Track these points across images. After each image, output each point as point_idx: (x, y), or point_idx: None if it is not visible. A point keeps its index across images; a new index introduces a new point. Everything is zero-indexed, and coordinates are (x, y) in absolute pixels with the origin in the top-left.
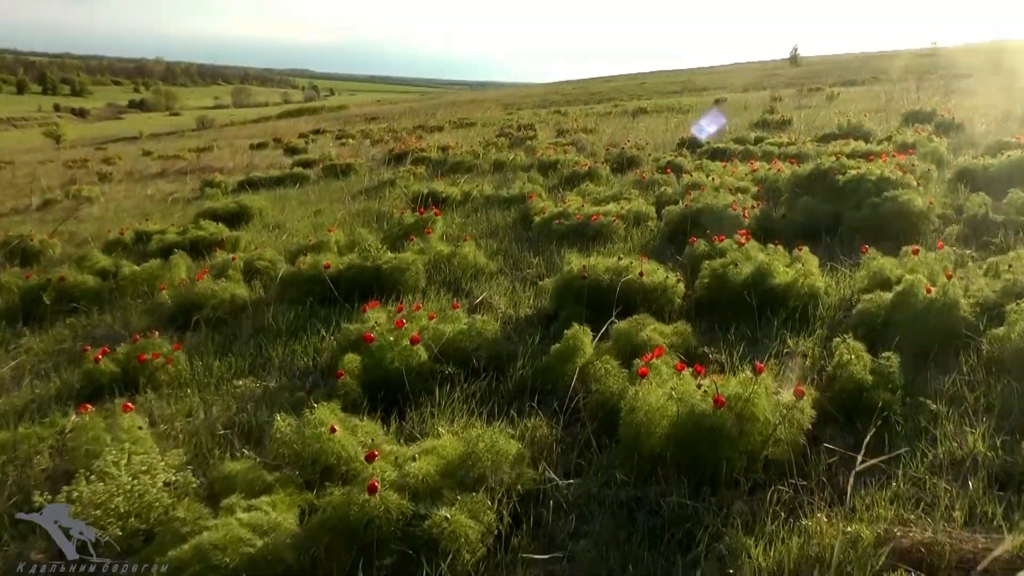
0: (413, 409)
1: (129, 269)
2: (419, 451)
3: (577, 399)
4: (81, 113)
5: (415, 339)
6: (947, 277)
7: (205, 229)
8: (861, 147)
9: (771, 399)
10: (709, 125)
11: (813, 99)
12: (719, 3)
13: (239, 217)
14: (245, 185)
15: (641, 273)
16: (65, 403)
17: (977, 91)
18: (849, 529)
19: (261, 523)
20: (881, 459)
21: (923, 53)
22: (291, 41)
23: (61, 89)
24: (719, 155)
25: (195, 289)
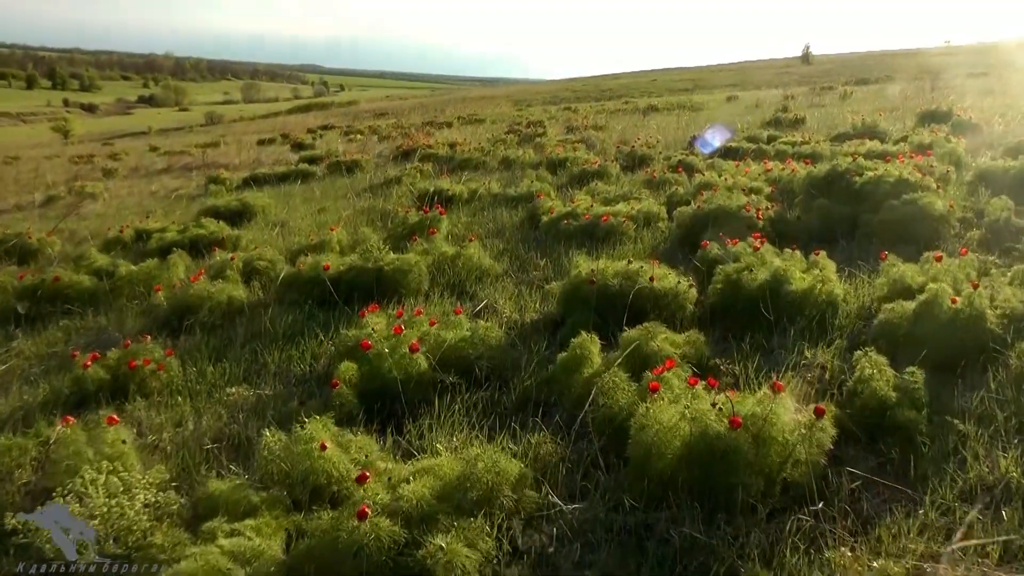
0: (411, 422)
1: (126, 269)
2: (415, 471)
3: (584, 413)
4: (90, 108)
5: (414, 347)
6: (973, 287)
7: (206, 227)
8: (877, 147)
9: (790, 417)
10: (713, 139)
11: (826, 98)
12: (731, 2)
13: (241, 215)
14: (250, 182)
15: (652, 278)
16: (52, 411)
17: (993, 90)
18: (876, 564)
19: (243, 550)
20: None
21: (937, 52)
22: (302, 37)
23: (70, 84)
24: (731, 154)
25: (191, 291)
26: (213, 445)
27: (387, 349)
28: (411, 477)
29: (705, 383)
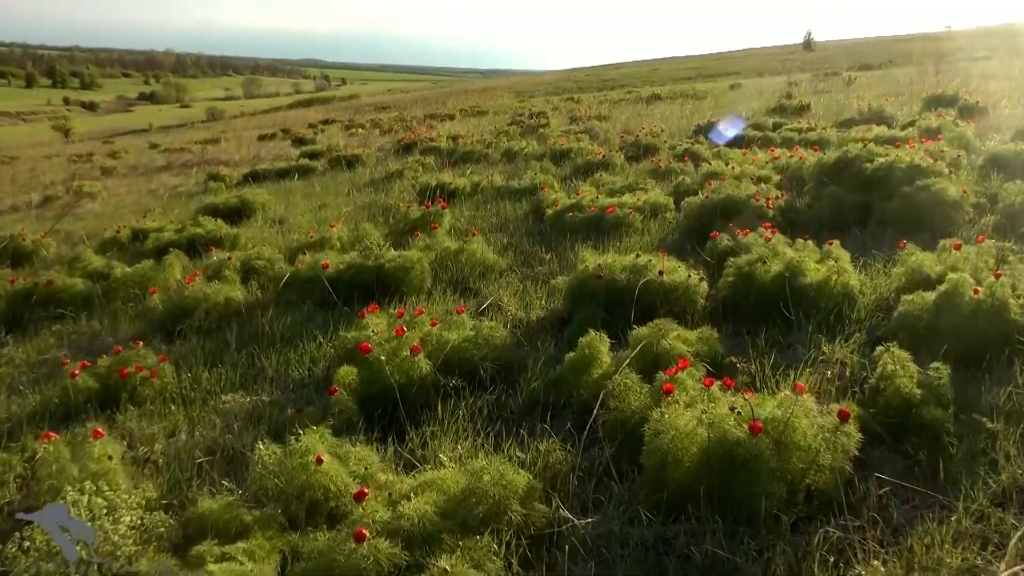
0: (413, 429)
1: (121, 271)
2: (417, 485)
3: (594, 417)
4: (91, 106)
5: (415, 349)
6: (995, 276)
7: (203, 226)
8: (885, 133)
9: (812, 421)
10: (726, 129)
11: (830, 84)
12: None
13: (241, 212)
14: (250, 178)
15: (661, 272)
16: (40, 423)
17: (997, 74)
18: None
19: None
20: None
21: (938, 36)
22: (302, 32)
23: (70, 82)
24: (737, 142)
25: (186, 293)
26: (206, 458)
27: (388, 352)
28: (413, 492)
29: (720, 383)
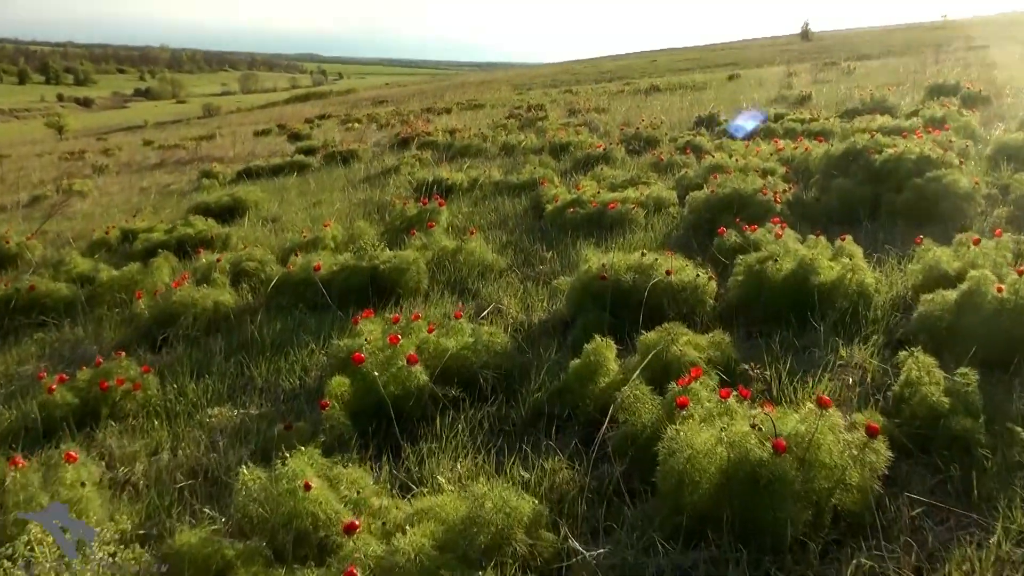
0: (410, 445)
1: (107, 275)
2: (413, 512)
3: (602, 431)
4: (86, 103)
5: (412, 359)
6: (1018, 273)
7: (194, 226)
8: (888, 123)
9: (838, 437)
10: (747, 123)
11: (830, 74)
12: None
13: (233, 211)
14: (244, 175)
15: (668, 272)
16: (14, 442)
17: (998, 62)
18: None
19: None
20: None
21: (934, 26)
22: (300, 27)
23: (64, 79)
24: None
25: (173, 298)
26: (187, 482)
27: (382, 362)
28: (409, 521)
29: (737, 393)
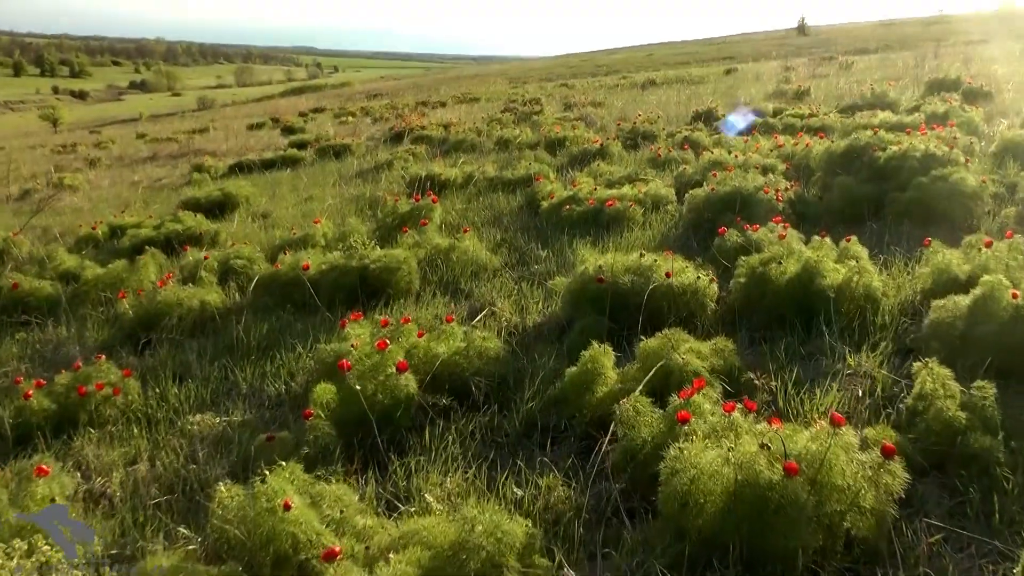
0: (397, 457)
1: (92, 272)
2: (399, 535)
3: (601, 447)
4: (81, 95)
5: (401, 366)
6: None
7: (183, 222)
8: (890, 118)
9: (851, 456)
10: (739, 121)
11: (827, 68)
12: None
13: (224, 206)
14: (236, 169)
15: (668, 274)
16: None
17: (998, 57)
18: None
19: None
20: None
21: (930, 21)
22: (295, 21)
23: (60, 71)
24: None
25: (158, 297)
26: (164, 498)
27: (369, 369)
28: (394, 546)
29: (742, 406)
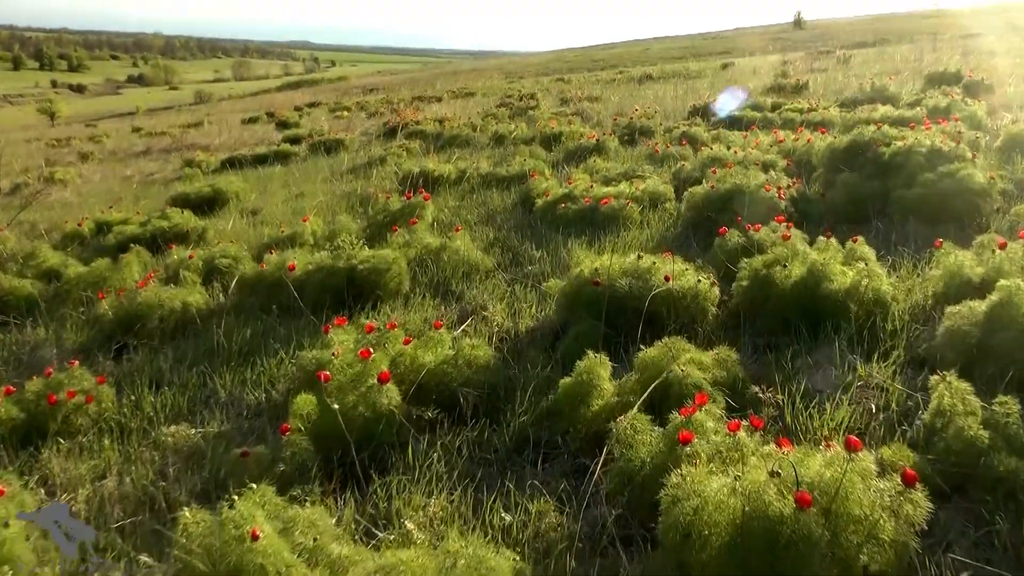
0: (379, 476)
1: (74, 271)
2: (375, 569)
3: (596, 469)
4: (79, 89)
5: (383, 377)
6: None
7: (170, 219)
8: (891, 112)
9: (869, 484)
10: (729, 102)
11: (825, 62)
12: None
13: (213, 202)
14: (228, 164)
15: (667, 277)
16: None
17: (997, 50)
18: None
19: None
20: None
21: (926, 14)
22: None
23: (58, 65)
24: (736, 124)
25: (139, 298)
26: (129, 520)
27: (351, 380)
28: None
29: (747, 423)
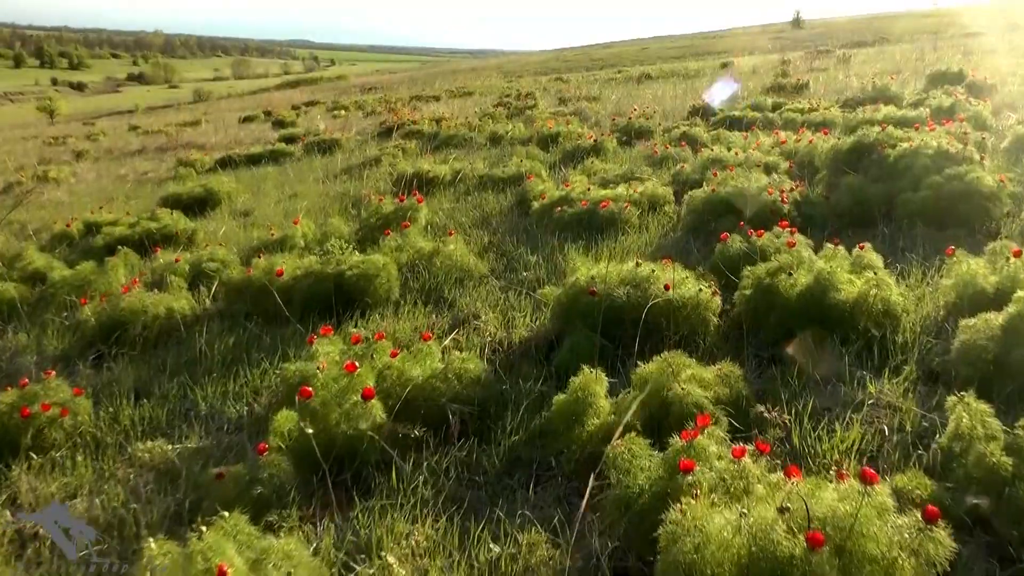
0: (361, 500)
1: (59, 274)
2: None
3: (588, 492)
4: (79, 87)
5: (368, 393)
6: None
7: (159, 220)
8: (894, 113)
9: (886, 519)
10: (721, 92)
11: (825, 61)
12: None
13: (205, 203)
14: (222, 164)
15: (667, 286)
16: None
17: (998, 49)
18: None
19: None
20: None
21: (925, 13)
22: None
23: (59, 63)
24: (736, 124)
25: (122, 303)
26: (96, 548)
27: (335, 396)
28: None
29: (753, 448)
